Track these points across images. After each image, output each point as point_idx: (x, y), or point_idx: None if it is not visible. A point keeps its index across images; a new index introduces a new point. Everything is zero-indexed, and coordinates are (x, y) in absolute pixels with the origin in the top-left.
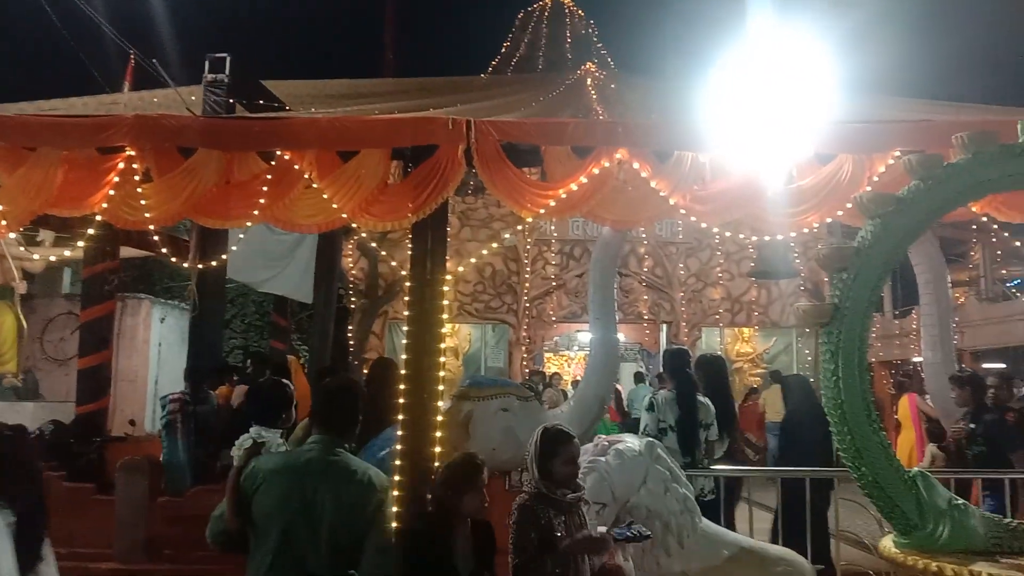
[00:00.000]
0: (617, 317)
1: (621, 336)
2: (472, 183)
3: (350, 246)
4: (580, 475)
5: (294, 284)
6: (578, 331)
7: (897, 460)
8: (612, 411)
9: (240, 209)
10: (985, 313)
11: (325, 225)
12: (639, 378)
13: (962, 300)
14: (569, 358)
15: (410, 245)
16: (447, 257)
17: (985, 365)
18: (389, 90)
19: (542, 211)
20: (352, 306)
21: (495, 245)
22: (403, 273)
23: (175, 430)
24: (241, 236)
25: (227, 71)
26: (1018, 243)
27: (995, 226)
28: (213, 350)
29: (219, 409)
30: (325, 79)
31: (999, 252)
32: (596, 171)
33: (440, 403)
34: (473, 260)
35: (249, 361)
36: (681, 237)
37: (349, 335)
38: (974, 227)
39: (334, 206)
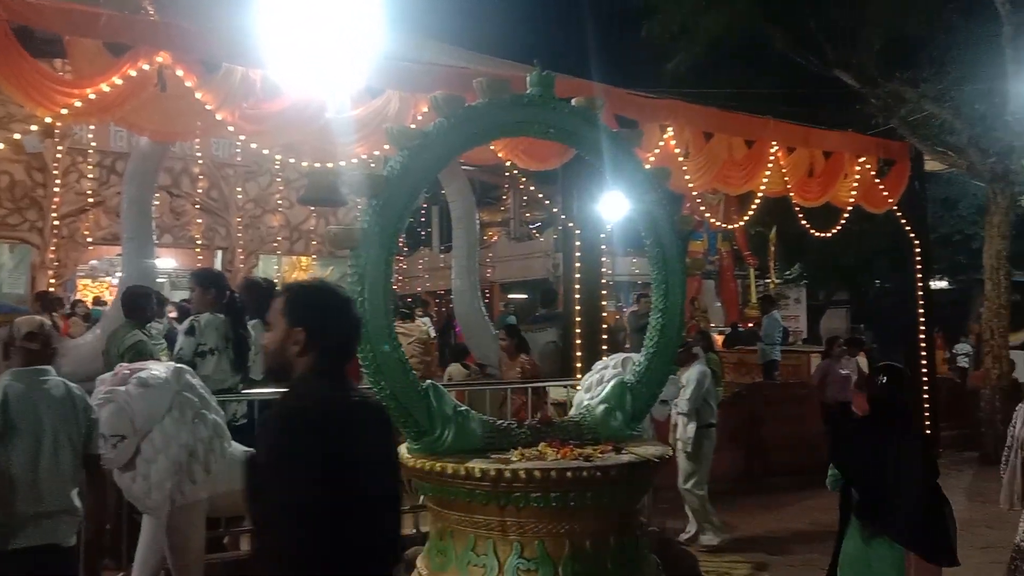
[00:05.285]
0: (166, 240)
1: (172, 262)
2: None
3: None
4: (95, 405)
5: None
6: (119, 255)
7: (414, 374)
8: None
9: None
10: (513, 250)
11: None
12: None
13: (495, 238)
14: (111, 285)
15: None
16: None
17: (511, 296)
18: None
19: (64, 111)
20: None
21: (2, 146)
22: None
23: None
24: None
25: None
26: (532, 187)
27: (515, 171)
28: None
29: None
30: None
31: (525, 198)
32: (133, 73)
33: None
34: None
35: None
36: (240, 160)
37: None
38: (507, 174)
39: None
